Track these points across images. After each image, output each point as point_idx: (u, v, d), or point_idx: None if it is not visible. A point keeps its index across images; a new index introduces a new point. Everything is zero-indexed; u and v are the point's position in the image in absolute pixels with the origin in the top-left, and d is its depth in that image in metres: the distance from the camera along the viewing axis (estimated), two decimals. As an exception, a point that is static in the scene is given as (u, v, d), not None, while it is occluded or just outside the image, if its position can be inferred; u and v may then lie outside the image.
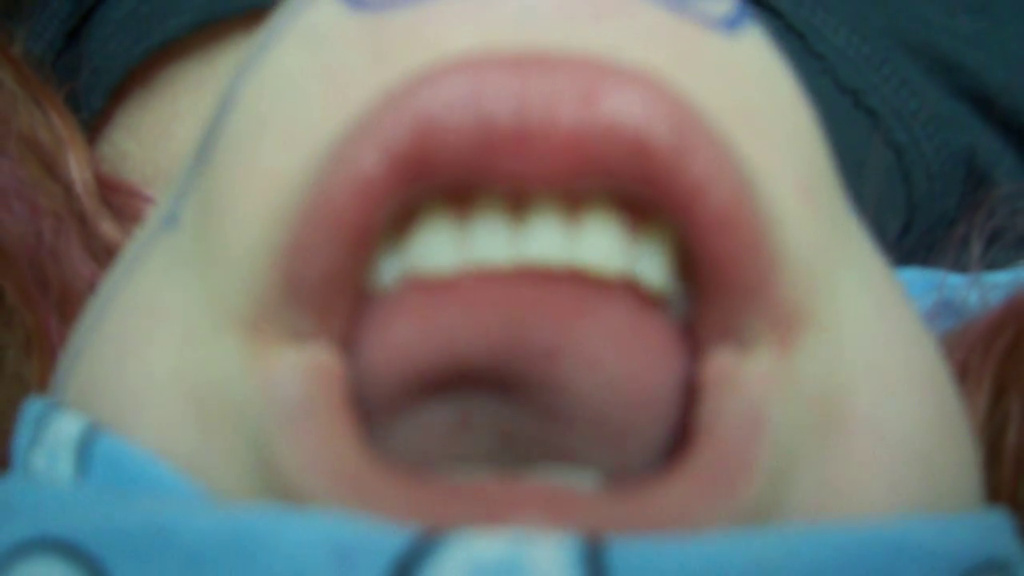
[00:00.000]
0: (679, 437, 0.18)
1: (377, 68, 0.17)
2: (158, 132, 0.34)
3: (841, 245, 0.19)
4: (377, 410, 0.18)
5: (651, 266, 0.17)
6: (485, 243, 0.17)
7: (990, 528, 0.19)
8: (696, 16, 0.18)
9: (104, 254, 0.30)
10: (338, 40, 0.18)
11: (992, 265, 0.32)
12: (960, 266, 0.32)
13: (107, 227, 0.31)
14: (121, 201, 0.32)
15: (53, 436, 0.19)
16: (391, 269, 0.18)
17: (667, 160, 0.16)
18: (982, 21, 0.37)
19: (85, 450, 0.19)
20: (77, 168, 0.31)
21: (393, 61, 0.17)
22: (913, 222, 0.36)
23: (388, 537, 0.16)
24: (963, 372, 0.27)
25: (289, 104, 0.18)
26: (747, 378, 0.17)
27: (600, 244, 0.17)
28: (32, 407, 0.20)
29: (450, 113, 0.16)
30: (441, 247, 0.17)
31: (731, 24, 0.19)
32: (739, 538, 0.16)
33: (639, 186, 0.17)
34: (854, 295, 0.19)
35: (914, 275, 0.32)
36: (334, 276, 0.17)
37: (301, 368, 0.17)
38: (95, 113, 0.34)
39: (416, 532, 0.16)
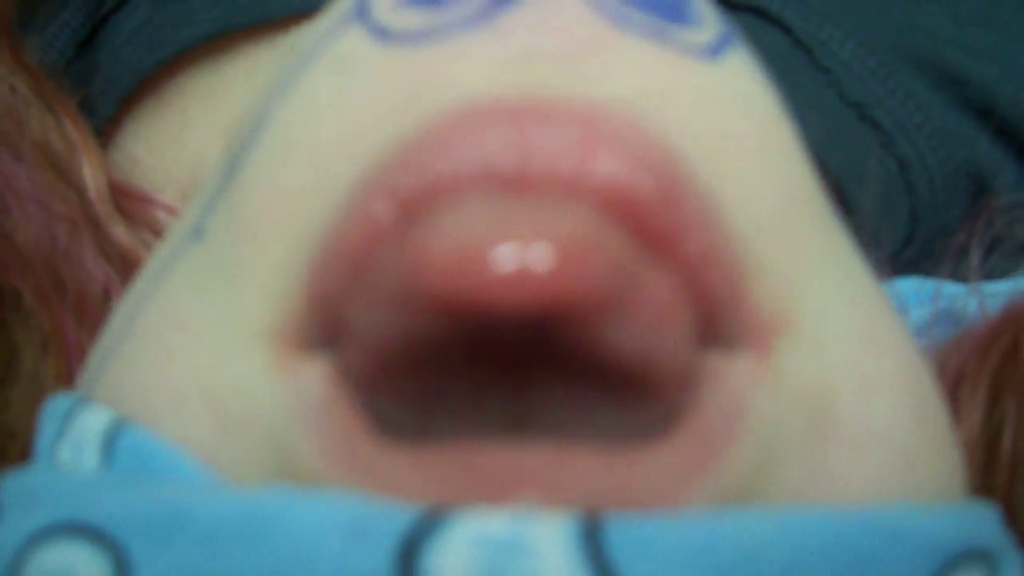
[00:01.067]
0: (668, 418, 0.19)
1: (395, 115, 0.19)
2: (169, 140, 0.35)
3: (822, 255, 0.20)
4: (389, 391, 0.19)
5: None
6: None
7: (976, 518, 0.20)
8: (680, 46, 0.20)
9: (117, 258, 0.31)
10: (364, 77, 0.19)
11: (991, 274, 0.32)
12: (959, 275, 0.32)
13: (120, 232, 0.31)
14: (133, 207, 0.32)
15: (79, 429, 0.20)
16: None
17: (652, 213, 0.18)
18: (990, 34, 0.37)
19: (110, 442, 0.19)
20: (90, 174, 0.32)
21: (410, 107, 0.19)
22: (916, 233, 0.36)
23: (396, 515, 0.16)
24: (959, 378, 0.28)
25: (316, 136, 0.19)
26: (730, 374, 0.19)
27: None
28: (59, 402, 0.21)
29: (454, 167, 0.18)
30: None
31: (714, 51, 0.20)
32: (730, 518, 0.17)
33: (627, 229, 0.18)
34: (834, 302, 0.20)
35: (913, 284, 0.33)
36: (350, 297, 0.18)
37: (323, 375, 0.18)
38: (106, 120, 0.35)
39: (422, 510, 0.16)
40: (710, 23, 0.21)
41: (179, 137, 0.34)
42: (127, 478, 0.19)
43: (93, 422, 0.20)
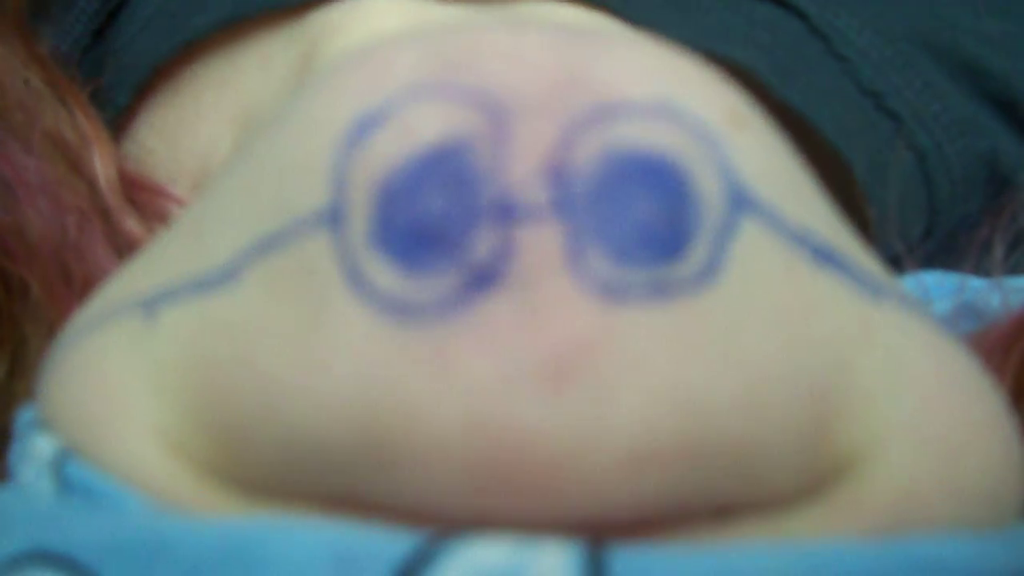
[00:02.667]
0: None
1: (358, 418, 0.17)
2: (182, 130, 0.34)
3: (876, 357, 0.20)
4: None
5: None
6: None
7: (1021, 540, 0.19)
8: (677, 289, 0.18)
9: (127, 250, 0.30)
10: (329, 344, 0.18)
11: (1015, 269, 0.32)
12: (981, 269, 0.32)
13: (130, 224, 0.31)
14: (145, 198, 0.32)
15: (34, 452, 0.20)
16: None
17: None
18: (1009, 24, 0.37)
19: (59, 469, 0.19)
20: (101, 165, 0.32)
21: (365, 422, 0.17)
22: (935, 225, 0.35)
23: (390, 543, 0.16)
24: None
25: (271, 374, 0.18)
26: None
27: None
28: (22, 417, 0.21)
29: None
30: None
31: (708, 274, 0.18)
32: (746, 549, 0.16)
33: None
34: (896, 399, 0.19)
35: (935, 278, 0.32)
36: None
37: None
38: (121, 110, 0.35)
39: (418, 537, 0.16)
40: (709, 216, 0.19)
41: (193, 126, 0.34)
42: (89, 505, 0.18)
43: (44, 446, 0.19)
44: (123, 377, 0.19)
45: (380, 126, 0.18)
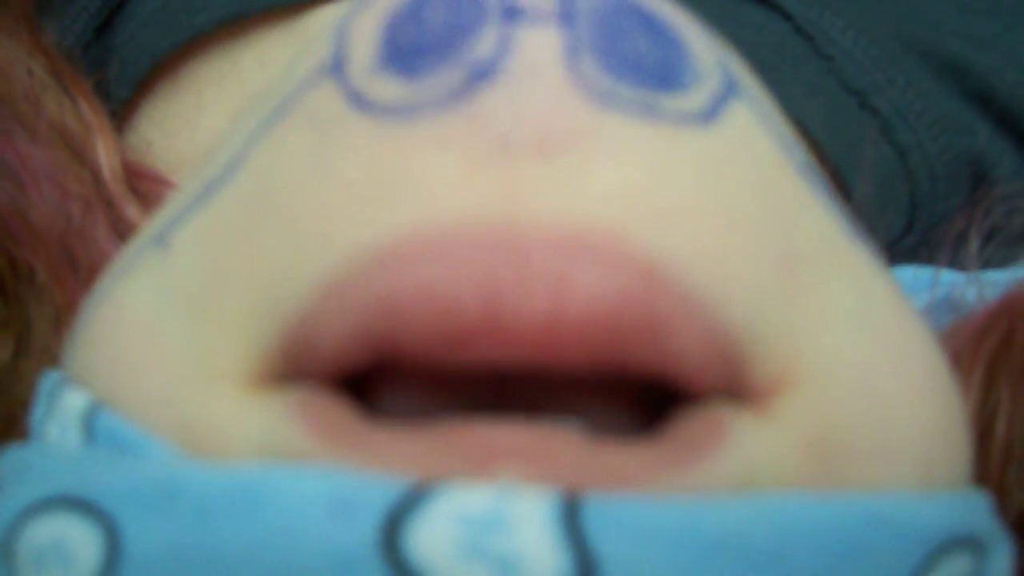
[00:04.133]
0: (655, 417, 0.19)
1: (369, 214, 0.18)
2: (182, 123, 0.35)
3: (827, 299, 0.20)
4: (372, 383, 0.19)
5: None
6: None
7: (966, 505, 0.20)
8: (669, 117, 0.19)
9: (130, 236, 0.31)
10: (339, 151, 0.19)
11: (988, 263, 0.32)
12: (956, 263, 0.32)
13: (132, 211, 0.32)
14: (146, 187, 0.33)
15: (63, 408, 0.20)
16: None
17: (641, 336, 0.18)
18: (992, 24, 0.37)
19: (89, 423, 0.20)
20: (104, 154, 0.33)
21: (383, 209, 0.18)
22: (915, 221, 0.36)
23: (381, 489, 0.17)
24: (955, 364, 0.28)
25: (293, 207, 0.19)
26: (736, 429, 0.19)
27: None
28: (47, 380, 0.21)
29: (418, 301, 0.17)
30: None
31: (708, 115, 0.20)
32: (712, 501, 0.17)
33: (614, 358, 0.18)
34: (842, 342, 0.20)
35: (911, 273, 0.33)
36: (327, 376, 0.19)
37: (297, 398, 0.19)
38: (122, 104, 0.35)
39: (407, 484, 0.17)
40: (706, 81, 0.20)
41: (193, 120, 0.35)
42: (113, 455, 0.19)
43: (74, 402, 0.20)
44: (146, 313, 0.20)
45: None
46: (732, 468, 0.18)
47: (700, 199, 0.19)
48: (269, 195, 0.20)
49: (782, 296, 0.19)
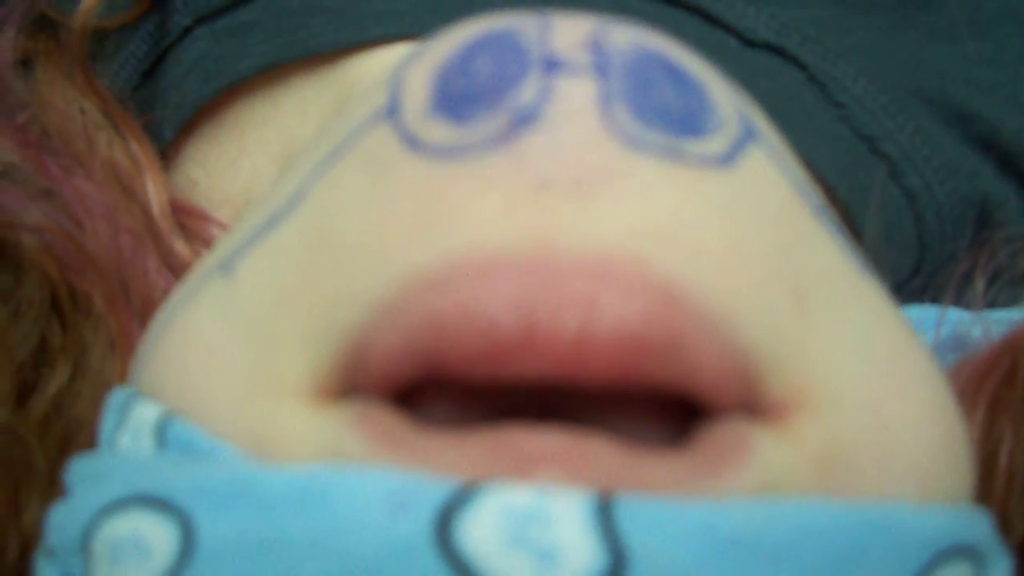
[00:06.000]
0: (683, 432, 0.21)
1: (419, 241, 0.20)
2: (225, 164, 0.37)
3: (839, 325, 0.22)
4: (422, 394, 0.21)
5: None
6: None
7: (967, 518, 0.21)
8: (691, 161, 0.21)
9: (178, 269, 0.33)
10: (394, 187, 0.21)
11: (993, 304, 0.33)
12: (962, 303, 0.33)
13: (180, 246, 0.34)
14: (192, 223, 0.35)
15: (136, 419, 0.22)
16: None
17: (663, 353, 0.19)
18: (997, 73, 0.39)
19: (162, 431, 0.21)
20: (154, 191, 0.34)
21: (434, 237, 0.20)
22: (924, 262, 0.37)
23: (434, 488, 0.18)
24: (960, 399, 0.29)
25: (350, 237, 0.21)
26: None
27: None
28: (117, 395, 0.23)
29: (461, 320, 0.19)
30: None
31: (727, 159, 0.22)
32: (731, 504, 0.19)
33: (640, 373, 0.19)
34: (852, 365, 0.21)
35: (915, 312, 0.34)
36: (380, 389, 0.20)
37: (355, 411, 0.20)
38: (167, 145, 0.37)
39: (457, 483, 0.18)
40: (726, 127, 0.22)
41: (235, 162, 0.36)
42: (185, 458, 0.21)
43: (147, 413, 0.22)
44: (214, 333, 0.22)
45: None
46: (754, 479, 0.20)
47: (718, 233, 0.21)
48: (329, 226, 0.22)
49: (795, 323, 0.21)
